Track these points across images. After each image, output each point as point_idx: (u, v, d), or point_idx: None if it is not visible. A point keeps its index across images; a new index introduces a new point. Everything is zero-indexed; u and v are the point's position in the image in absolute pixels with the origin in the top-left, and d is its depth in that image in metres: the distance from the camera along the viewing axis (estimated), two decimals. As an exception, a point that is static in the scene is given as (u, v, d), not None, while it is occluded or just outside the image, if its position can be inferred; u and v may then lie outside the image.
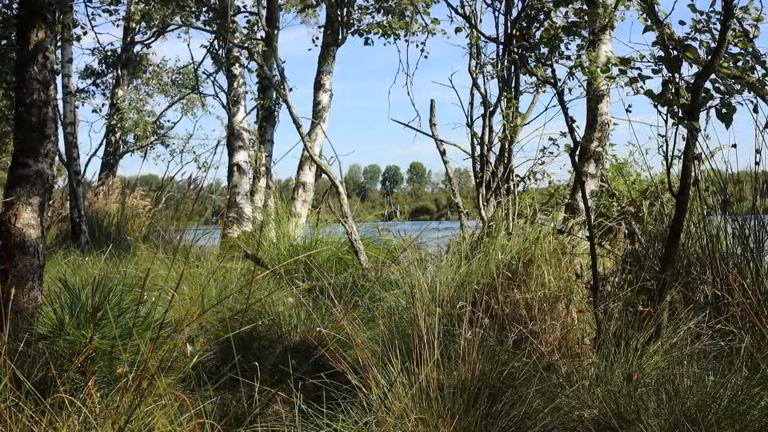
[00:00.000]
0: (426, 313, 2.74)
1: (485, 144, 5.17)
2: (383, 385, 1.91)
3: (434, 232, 4.98)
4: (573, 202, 4.68)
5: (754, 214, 3.07)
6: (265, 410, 2.03)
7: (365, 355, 1.98)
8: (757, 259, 2.89)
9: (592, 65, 4.18)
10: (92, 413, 1.48)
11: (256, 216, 7.96)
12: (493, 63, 5.39)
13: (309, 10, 10.62)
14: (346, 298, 3.41)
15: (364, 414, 1.86)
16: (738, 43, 2.97)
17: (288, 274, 4.40)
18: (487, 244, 3.64)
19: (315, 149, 7.34)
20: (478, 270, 3.49)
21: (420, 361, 1.94)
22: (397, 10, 8.18)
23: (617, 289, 3.17)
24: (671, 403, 1.98)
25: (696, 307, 2.79)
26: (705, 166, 3.24)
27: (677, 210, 2.79)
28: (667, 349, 2.39)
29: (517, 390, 2.09)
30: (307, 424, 1.82)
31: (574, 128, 3.27)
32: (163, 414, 1.55)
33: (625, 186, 7.13)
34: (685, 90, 2.79)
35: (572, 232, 3.81)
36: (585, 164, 4.69)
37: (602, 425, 2.04)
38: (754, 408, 1.95)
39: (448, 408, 1.89)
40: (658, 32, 2.81)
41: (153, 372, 1.56)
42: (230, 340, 2.56)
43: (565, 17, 4.56)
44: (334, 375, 2.12)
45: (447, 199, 6.39)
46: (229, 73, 8.74)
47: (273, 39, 7.39)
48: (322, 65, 8.18)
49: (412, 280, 3.24)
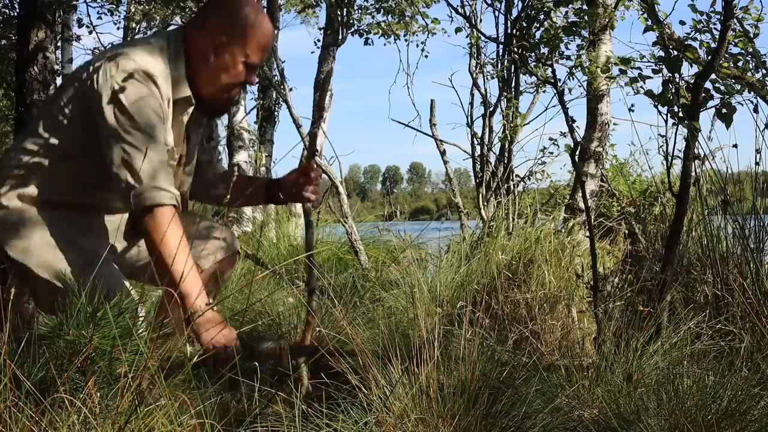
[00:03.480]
0: (426, 313, 2.74)
1: (485, 144, 5.18)
2: (383, 385, 1.91)
3: (434, 232, 4.98)
4: (573, 202, 4.68)
5: (754, 214, 3.07)
6: (265, 410, 2.03)
7: (365, 355, 1.98)
8: (757, 259, 2.89)
9: (592, 65, 4.18)
10: (92, 413, 1.47)
11: (256, 216, 7.96)
12: (493, 63, 5.40)
13: (309, 11, 10.63)
14: (346, 298, 3.41)
15: (364, 414, 1.86)
16: (738, 43, 2.97)
17: (288, 274, 4.40)
18: (487, 244, 3.64)
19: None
20: (478, 270, 3.49)
21: (420, 362, 1.94)
22: (397, 10, 8.19)
23: (617, 289, 3.17)
24: (671, 403, 1.98)
25: (696, 307, 2.79)
26: (705, 166, 3.25)
27: (677, 210, 2.79)
28: (667, 349, 2.39)
29: (517, 390, 2.09)
30: (307, 424, 1.82)
31: (574, 128, 3.27)
32: (163, 414, 1.55)
33: (625, 186, 7.13)
34: (685, 90, 2.79)
35: (572, 232, 3.81)
36: (585, 164, 4.69)
37: (602, 425, 2.04)
38: (754, 408, 1.95)
39: (448, 408, 1.89)
40: (659, 32, 2.81)
41: (153, 372, 1.56)
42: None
43: (565, 17, 4.56)
44: (334, 375, 2.12)
45: (447, 199, 6.39)
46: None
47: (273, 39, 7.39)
48: (322, 65, 8.18)
49: (412, 280, 3.24)
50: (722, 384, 2.01)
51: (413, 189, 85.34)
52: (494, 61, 5.38)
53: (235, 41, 2.04)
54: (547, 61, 4.26)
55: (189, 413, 1.59)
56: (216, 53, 2.05)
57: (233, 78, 2.08)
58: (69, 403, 1.48)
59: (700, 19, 2.84)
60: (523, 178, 5.30)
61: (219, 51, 2.05)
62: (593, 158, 4.74)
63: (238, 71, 2.07)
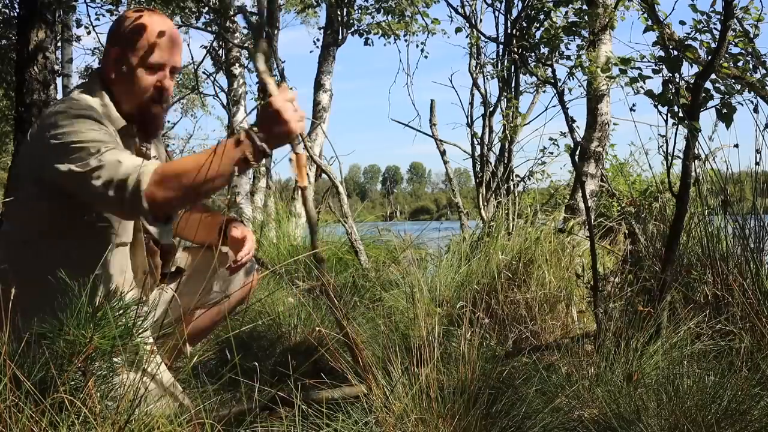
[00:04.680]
0: (426, 313, 2.74)
1: (485, 144, 5.18)
2: (383, 385, 1.91)
3: (434, 232, 4.98)
4: (573, 202, 4.68)
5: (754, 214, 3.07)
6: (264, 410, 2.03)
7: (365, 355, 1.99)
8: (757, 259, 2.89)
9: (592, 65, 4.19)
10: (92, 413, 1.47)
11: (256, 216, 7.96)
12: (493, 63, 5.40)
13: (309, 11, 10.63)
14: (347, 298, 3.41)
15: (364, 414, 1.86)
16: (738, 43, 2.97)
17: (288, 274, 4.40)
18: (487, 244, 3.64)
19: (315, 149, 7.35)
20: (478, 270, 3.49)
21: (420, 362, 1.94)
22: (397, 10, 8.19)
23: (617, 289, 3.17)
24: (671, 403, 1.98)
25: (696, 307, 2.79)
26: (705, 166, 3.25)
27: (677, 210, 2.80)
28: (667, 349, 2.39)
29: (517, 390, 2.09)
30: (307, 424, 1.82)
31: (574, 128, 3.27)
32: (163, 414, 1.55)
33: (625, 186, 7.13)
34: (685, 90, 2.79)
35: (572, 232, 3.81)
36: (585, 164, 4.69)
37: (602, 425, 2.04)
38: (754, 408, 1.95)
39: (448, 408, 1.89)
40: (659, 32, 2.82)
41: (153, 372, 1.56)
42: (230, 340, 2.56)
43: (565, 17, 4.57)
44: (334, 375, 2.12)
45: (447, 199, 6.39)
46: (229, 73, 8.75)
47: (273, 39, 7.39)
48: (322, 65, 8.18)
49: (412, 280, 3.24)
50: (722, 384, 2.01)
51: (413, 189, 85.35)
52: (494, 61, 5.39)
53: (125, 51, 2.08)
54: (547, 61, 4.26)
55: (189, 413, 1.59)
56: (117, 71, 2.09)
57: (142, 87, 2.09)
58: (69, 403, 1.48)
59: (700, 19, 2.85)
60: (523, 178, 5.31)
61: (118, 67, 2.09)
62: (593, 158, 4.74)
63: (142, 79, 2.08)
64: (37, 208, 2.00)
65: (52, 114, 1.98)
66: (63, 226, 1.99)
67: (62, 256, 1.89)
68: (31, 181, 2.00)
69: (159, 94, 2.10)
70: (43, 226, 2.00)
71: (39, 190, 1.98)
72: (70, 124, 1.91)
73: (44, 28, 4.19)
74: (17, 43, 4.35)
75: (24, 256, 2.00)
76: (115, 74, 2.09)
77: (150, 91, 2.09)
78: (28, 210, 2.01)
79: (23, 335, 1.63)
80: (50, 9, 4.28)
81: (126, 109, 2.10)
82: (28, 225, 2.01)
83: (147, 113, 2.12)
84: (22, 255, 2.00)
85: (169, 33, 2.11)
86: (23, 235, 2.02)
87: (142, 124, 2.14)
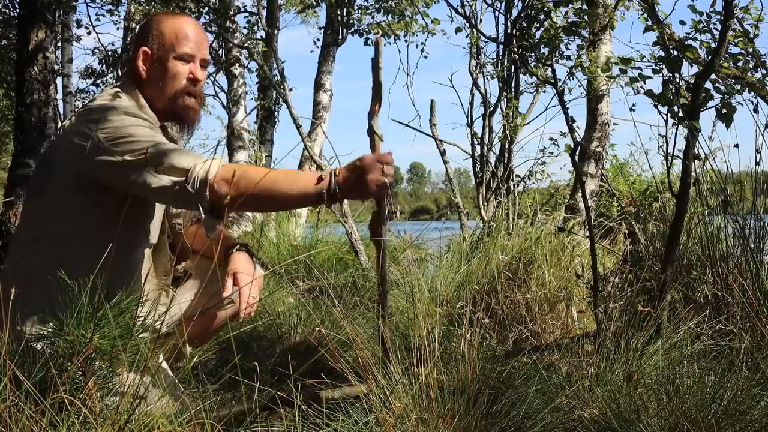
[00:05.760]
0: (426, 313, 2.74)
1: (485, 144, 5.18)
2: (383, 385, 1.91)
3: (434, 232, 4.98)
4: (573, 202, 4.69)
5: (754, 214, 3.07)
6: (264, 410, 2.03)
7: (366, 355, 1.98)
8: (757, 259, 2.89)
9: (592, 65, 4.18)
10: (92, 413, 1.47)
11: (256, 216, 7.96)
12: (493, 63, 5.40)
13: (309, 10, 10.63)
14: (347, 298, 3.41)
15: (364, 414, 1.86)
16: (738, 43, 2.97)
17: (288, 274, 4.40)
18: (487, 244, 3.64)
19: (315, 149, 7.34)
20: (478, 270, 3.49)
21: (420, 362, 1.94)
22: (397, 10, 8.19)
23: (617, 289, 3.17)
24: (671, 403, 1.98)
25: (696, 307, 2.79)
26: (705, 166, 3.25)
27: (677, 210, 2.79)
28: (667, 349, 2.39)
29: (517, 390, 2.09)
30: (307, 424, 1.82)
31: (574, 128, 3.27)
32: (163, 414, 1.55)
33: (625, 186, 7.14)
34: (685, 90, 2.79)
35: (573, 232, 3.81)
36: (585, 164, 4.69)
37: (602, 425, 2.04)
38: (754, 408, 1.95)
39: (448, 408, 1.89)
40: (659, 32, 2.82)
41: (153, 372, 1.56)
42: (230, 340, 2.56)
43: (565, 17, 4.57)
44: (334, 375, 2.12)
45: (447, 199, 6.39)
46: (229, 73, 8.75)
47: (273, 39, 7.39)
48: (322, 65, 8.19)
49: (412, 280, 3.24)
50: (722, 384, 2.01)
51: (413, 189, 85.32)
52: (494, 61, 5.39)
53: (157, 47, 2.11)
54: (547, 61, 4.26)
55: (189, 413, 1.59)
56: (149, 67, 2.11)
57: (176, 80, 2.11)
58: (69, 403, 1.48)
59: (700, 19, 2.85)
60: (523, 178, 5.31)
61: (150, 63, 2.12)
62: (593, 158, 4.75)
63: (174, 68, 2.11)
64: (70, 205, 1.98)
65: (96, 110, 1.98)
66: (97, 223, 1.97)
67: (93, 255, 1.82)
68: (67, 177, 1.98)
69: (192, 84, 2.13)
70: (77, 225, 1.98)
71: (75, 186, 1.97)
72: (120, 120, 1.93)
73: (44, 28, 4.19)
74: (17, 43, 4.35)
75: (46, 255, 1.96)
76: (147, 72, 2.11)
77: (183, 82, 2.12)
78: (58, 208, 1.99)
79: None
80: (50, 9, 4.28)
81: (159, 106, 2.12)
82: (55, 223, 1.98)
83: (181, 104, 2.13)
84: (44, 254, 1.96)
85: (196, 28, 2.17)
86: (47, 231, 1.98)
87: (177, 116, 2.16)
